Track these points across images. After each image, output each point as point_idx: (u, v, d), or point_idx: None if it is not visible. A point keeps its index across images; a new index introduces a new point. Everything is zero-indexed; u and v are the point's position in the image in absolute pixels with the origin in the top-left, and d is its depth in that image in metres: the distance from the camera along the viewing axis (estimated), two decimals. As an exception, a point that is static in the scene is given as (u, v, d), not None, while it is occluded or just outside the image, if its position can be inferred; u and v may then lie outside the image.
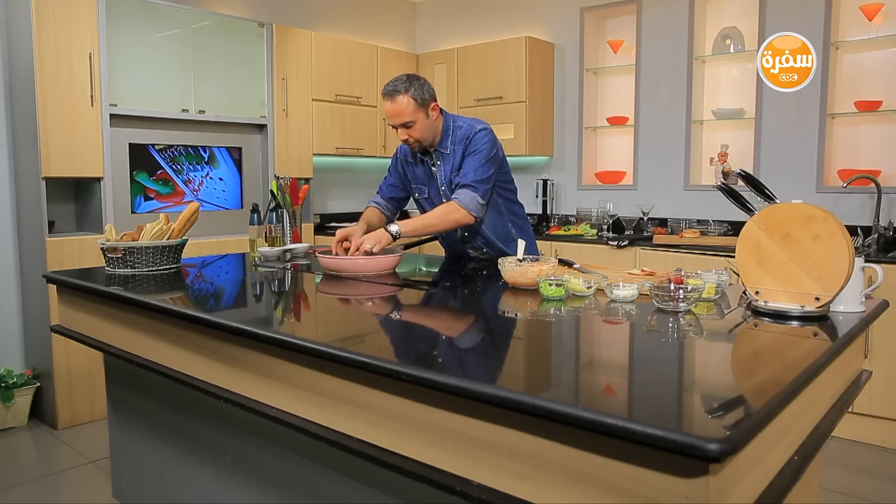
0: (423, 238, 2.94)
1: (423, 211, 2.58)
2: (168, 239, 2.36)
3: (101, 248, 2.30)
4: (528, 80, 4.54)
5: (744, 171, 1.71)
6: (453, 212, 2.36)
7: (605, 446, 0.94)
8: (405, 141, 2.42)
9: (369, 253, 2.23)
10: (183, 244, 2.42)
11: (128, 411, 2.37)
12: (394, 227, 2.32)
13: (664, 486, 0.89)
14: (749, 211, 1.64)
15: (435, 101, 2.41)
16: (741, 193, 1.73)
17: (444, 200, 2.48)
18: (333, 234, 4.43)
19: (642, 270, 2.08)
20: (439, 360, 1.35)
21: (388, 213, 2.72)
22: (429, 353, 1.43)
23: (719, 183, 1.79)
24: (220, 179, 4.03)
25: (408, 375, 1.14)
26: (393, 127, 2.42)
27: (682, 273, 1.80)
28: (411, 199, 2.73)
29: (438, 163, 2.49)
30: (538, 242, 2.65)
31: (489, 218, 2.51)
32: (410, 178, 2.63)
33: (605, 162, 4.69)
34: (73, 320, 2.24)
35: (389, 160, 2.77)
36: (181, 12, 3.74)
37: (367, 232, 2.45)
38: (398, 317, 1.79)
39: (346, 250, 2.32)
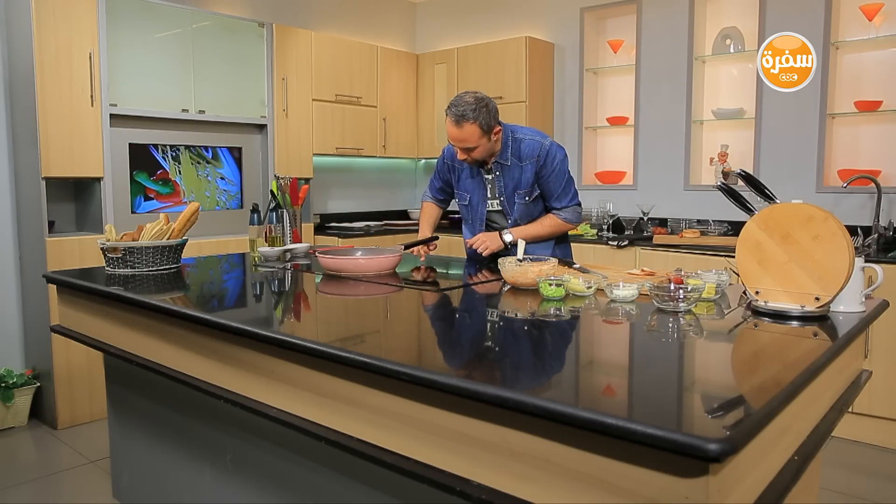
0: (424, 238, 2.94)
1: (461, 211, 2.68)
2: (168, 239, 2.36)
3: (101, 248, 2.30)
4: (528, 80, 4.54)
5: (744, 171, 1.71)
6: (561, 225, 2.55)
7: (606, 446, 0.94)
8: (463, 159, 2.45)
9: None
10: (183, 244, 2.42)
11: (128, 411, 2.37)
12: (508, 237, 2.50)
13: (664, 486, 0.89)
14: (749, 211, 1.64)
15: (499, 124, 2.42)
16: (741, 193, 1.73)
17: (500, 210, 2.57)
18: (334, 235, 4.49)
19: (642, 270, 2.08)
20: (439, 360, 1.35)
21: (443, 206, 2.84)
22: (429, 353, 1.43)
23: (719, 183, 1.79)
24: (222, 179, 4.03)
25: (408, 375, 1.14)
26: (454, 144, 2.43)
27: (682, 273, 1.80)
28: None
29: (497, 173, 2.52)
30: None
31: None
32: (454, 182, 2.67)
33: (605, 162, 4.69)
34: (73, 320, 2.24)
35: (389, 160, 2.80)
36: (181, 12, 3.74)
37: (431, 230, 2.72)
38: (398, 317, 1.79)
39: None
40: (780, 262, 1.51)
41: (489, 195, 2.57)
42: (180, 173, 3.84)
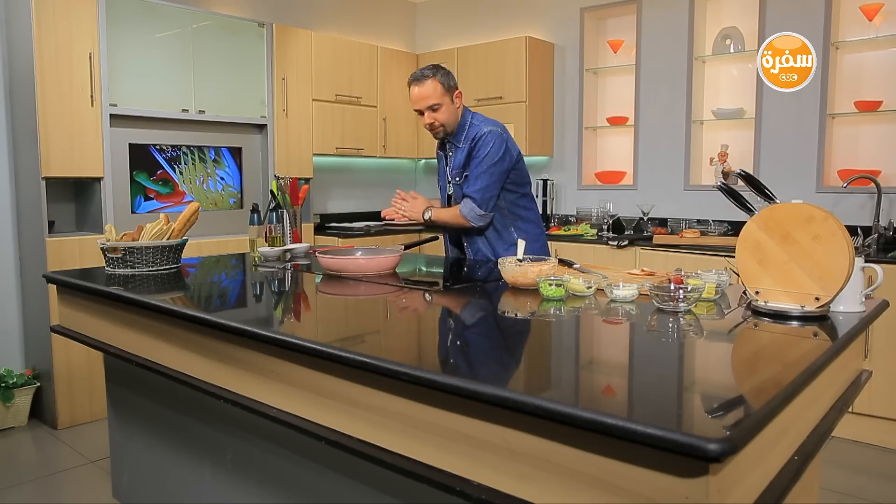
0: (424, 239, 2.97)
1: (443, 202, 2.74)
2: (168, 239, 2.36)
3: (102, 248, 2.30)
4: (528, 80, 4.54)
5: (744, 171, 1.71)
6: (459, 218, 2.53)
7: (606, 446, 0.94)
8: (431, 126, 2.50)
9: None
10: (183, 244, 2.42)
11: (128, 411, 2.37)
12: (427, 214, 2.57)
13: (664, 486, 0.89)
14: (749, 211, 1.64)
15: (458, 90, 2.51)
16: (741, 193, 1.73)
17: (449, 194, 2.63)
18: (334, 235, 4.49)
19: (642, 270, 2.08)
20: (439, 360, 1.35)
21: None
22: (429, 353, 1.43)
23: (719, 183, 1.79)
24: (222, 179, 4.03)
25: (408, 375, 1.14)
26: (419, 112, 2.51)
27: (682, 273, 1.80)
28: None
29: (451, 154, 2.60)
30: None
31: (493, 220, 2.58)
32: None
33: (605, 162, 4.69)
34: (73, 320, 2.24)
35: (389, 160, 2.83)
36: (181, 12, 3.74)
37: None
38: (398, 317, 1.79)
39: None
40: (780, 262, 1.51)
41: (448, 178, 2.64)
42: (180, 173, 3.84)
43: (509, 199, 2.56)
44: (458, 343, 1.51)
